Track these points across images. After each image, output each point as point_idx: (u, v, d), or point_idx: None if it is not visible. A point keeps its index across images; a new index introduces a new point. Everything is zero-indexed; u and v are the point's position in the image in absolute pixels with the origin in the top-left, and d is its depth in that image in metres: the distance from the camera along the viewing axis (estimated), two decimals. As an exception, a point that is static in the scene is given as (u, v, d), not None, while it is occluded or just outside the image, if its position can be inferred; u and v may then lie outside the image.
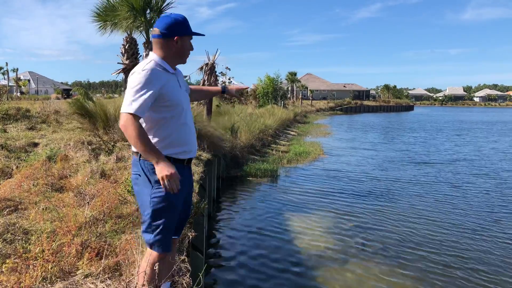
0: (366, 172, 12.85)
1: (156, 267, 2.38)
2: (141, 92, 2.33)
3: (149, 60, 2.47)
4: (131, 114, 2.30)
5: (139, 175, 2.42)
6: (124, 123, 2.31)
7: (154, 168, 2.41)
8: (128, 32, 10.92)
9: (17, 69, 66.85)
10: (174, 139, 2.49)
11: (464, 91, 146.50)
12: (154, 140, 2.46)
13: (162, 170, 2.27)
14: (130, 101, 2.32)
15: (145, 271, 2.45)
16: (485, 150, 18.39)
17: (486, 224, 7.64)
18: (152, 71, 2.38)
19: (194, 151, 2.65)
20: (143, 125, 2.43)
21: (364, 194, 9.95)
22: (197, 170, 7.03)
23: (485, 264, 5.90)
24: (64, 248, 3.19)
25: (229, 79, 28.03)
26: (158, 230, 2.46)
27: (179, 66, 2.71)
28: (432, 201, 9.31)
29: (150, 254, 2.51)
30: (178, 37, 2.49)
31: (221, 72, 25.07)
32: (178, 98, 2.49)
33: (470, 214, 8.30)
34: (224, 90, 3.19)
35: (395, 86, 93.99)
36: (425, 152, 17.62)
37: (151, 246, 2.51)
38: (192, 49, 2.59)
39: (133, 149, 2.47)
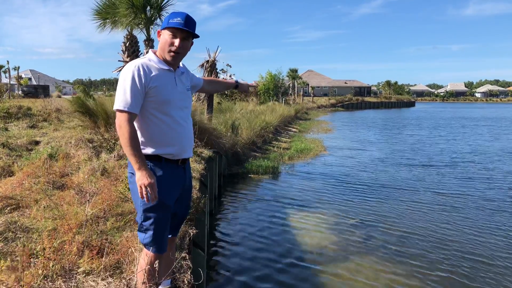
0: (368, 168, 12.84)
1: (156, 265, 2.37)
2: (127, 88, 2.35)
3: (144, 56, 2.52)
4: (125, 112, 2.33)
5: (133, 173, 2.41)
6: (119, 121, 2.35)
7: (148, 167, 2.44)
8: (129, 30, 10.90)
9: (18, 68, 66.91)
10: (162, 139, 2.47)
11: (465, 87, 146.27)
12: (141, 138, 2.46)
13: (141, 178, 2.29)
14: (118, 98, 2.36)
15: (144, 269, 2.45)
16: (489, 149, 18.38)
17: (490, 223, 7.63)
18: (137, 66, 2.38)
19: (188, 151, 2.60)
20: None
21: (366, 190, 9.93)
22: (198, 167, 7.03)
23: (489, 263, 5.88)
24: (65, 246, 3.20)
25: (230, 76, 27.95)
26: (150, 230, 2.46)
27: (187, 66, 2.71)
28: (436, 199, 9.29)
29: (146, 254, 2.51)
30: (159, 30, 2.53)
31: (222, 69, 25.03)
32: (167, 95, 2.45)
33: (474, 211, 8.29)
34: (237, 85, 3.29)
35: (396, 82, 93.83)
36: (428, 151, 17.61)
37: (145, 245, 2.52)
38: (174, 45, 2.44)
39: None
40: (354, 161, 14.26)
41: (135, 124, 2.46)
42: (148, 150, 2.46)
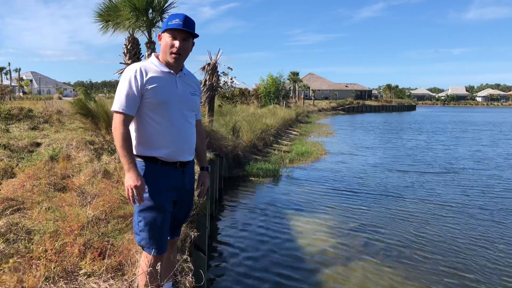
0: (369, 172, 12.83)
1: (158, 267, 2.37)
2: (124, 90, 2.40)
3: (146, 60, 2.60)
4: (120, 113, 2.37)
5: None
6: (114, 123, 2.39)
7: (143, 168, 2.46)
8: (130, 32, 10.91)
9: (20, 69, 67.12)
10: (156, 140, 2.47)
11: (466, 90, 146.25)
12: (138, 139, 2.49)
13: (129, 179, 2.32)
14: (115, 99, 2.41)
15: (145, 271, 2.45)
16: (488, 155, 18.38)
17: (491, 228, 7.62)
18: (134, 69, 2.43)
19: (185, 155, 2.58)
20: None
21: (367, 194, 9.93)
22: (199, 170, 7.03)
23: (489, 266, 5.88)
24: (67, 248, 3.20)
25: (231, 79, 27.94)
26: (144, 231, 2.46)
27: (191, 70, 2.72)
28: (436, 203, 9.28)
29: (146, 256, 2.51)
30: (160, 34, 2.55)
31: (223, 72, 24.99)
32: (164, 96, 2.46)
33: (475, 217, 8.28)
34: (203, 170, 2.92)
35: (397, 86, 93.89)
36: (427, 156, 17.62)
37: (142, 247, 2.52)
38: (174, 46, 2.45)
39: None
40: (354, 165, 14.26)
41: (133, 125, 2.48)
42: (144, 151, 2.48)
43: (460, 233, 7.18)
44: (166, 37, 2.47)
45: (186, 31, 2.44)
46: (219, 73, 14.92)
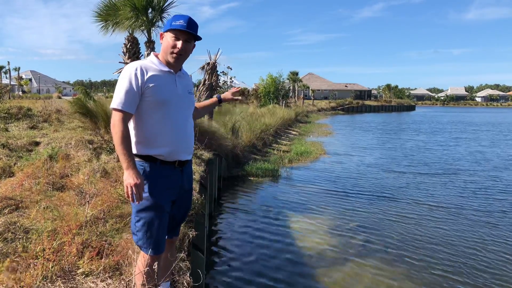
0: (368, 172, 12.84)
1: (155, 267, 2.37)
2: (123, 87, 2.39)
3: (146, 58, 2.58)
4: (119, 111, 2.36)
5: None
6: (113, 120, 2.39)
7: (142, 167, 2.46)
8: (130, 31, 10.91)
9: (19, 68, 67.04)
10: (155, 139, 2.47)
11: (466, 91, 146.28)
12: (136, 138, 2.48)
13: (128, 177, 2.31)
14: (115, 97, 2.40)
15: (142, 271, 2.44)
16: (486, 156, 18.38)
17: (486, 229, 7.63)
18: (134, 67, 2.42)
19: (184, 154, 2.58)
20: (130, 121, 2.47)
21: (366, 194, 9.93)
22: (198, 170, 7.04)
23: (487, 267, 5.89)
24: (64, 247, 3.20)
25: (231, 78, 27.97)
26: (141, 231, 2.46)
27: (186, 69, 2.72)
28: (435, 204, 9.29)
29: (143, 256, 2.51)
30: (162, 33, 2.55)
31: (223, 72, 25.02)
32: (164, 95, 2.46)
33: (471, 219, 8.29)
34: (220, 99, 3.15)
35: (396, 86, 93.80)
36: (426, 157, 17.63)
37: (140, 247, 2.51)
38: (176, 47, 2.46)
39: None
40: (353, 165, 14.27)
41: (132, 123, 2.48)
42: (143, 150, 2.48)
43: (455, 235, 7.18)
44: (169, 37, 2.47)
45: (189, 33, 2.45)
46: (218, 73, 14.92)
